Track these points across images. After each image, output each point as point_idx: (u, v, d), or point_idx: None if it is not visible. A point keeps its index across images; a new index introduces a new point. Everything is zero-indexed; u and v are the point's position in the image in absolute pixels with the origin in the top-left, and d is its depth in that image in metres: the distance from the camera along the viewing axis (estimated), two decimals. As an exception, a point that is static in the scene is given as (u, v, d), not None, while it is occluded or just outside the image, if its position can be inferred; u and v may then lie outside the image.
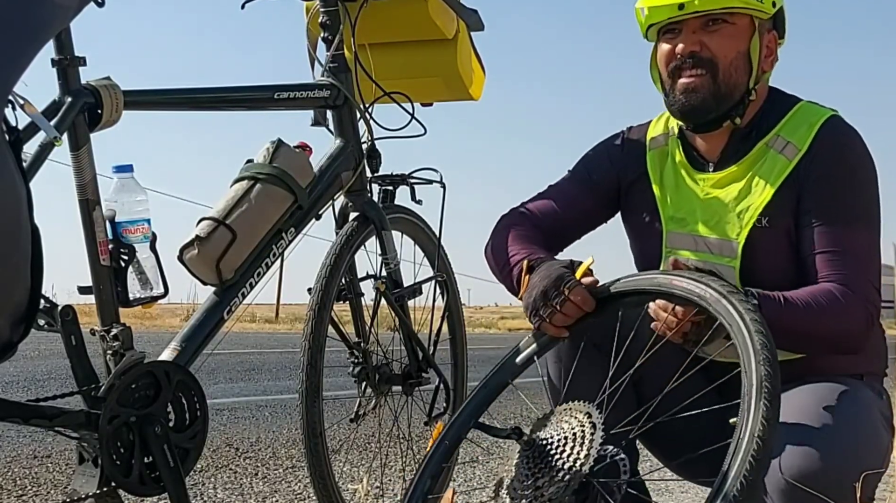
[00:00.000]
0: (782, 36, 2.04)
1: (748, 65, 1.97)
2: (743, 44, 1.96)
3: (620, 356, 1.85)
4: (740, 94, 1.97)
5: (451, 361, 2.73)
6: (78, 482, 1.88)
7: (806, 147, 1.93)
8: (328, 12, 2.39)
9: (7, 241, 1.09)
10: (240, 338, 11.87)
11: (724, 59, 1.95)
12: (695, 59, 1.96)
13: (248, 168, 2.19)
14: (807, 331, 1.85)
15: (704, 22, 1.95)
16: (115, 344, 1.90)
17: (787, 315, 1.82)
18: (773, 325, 1.71)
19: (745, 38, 1.96)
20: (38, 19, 1.17)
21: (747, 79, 1.97)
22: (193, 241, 2.07)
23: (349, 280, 2.39)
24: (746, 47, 1.96)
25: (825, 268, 1.90)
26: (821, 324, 1.85)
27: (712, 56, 1.95)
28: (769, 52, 2.00)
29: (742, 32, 1.96)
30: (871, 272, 1.91)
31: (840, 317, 1.85)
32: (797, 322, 1.83)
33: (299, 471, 3.66)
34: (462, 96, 2.69)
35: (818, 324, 1.85)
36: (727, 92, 1.96)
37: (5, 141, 1.12)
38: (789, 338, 1.82)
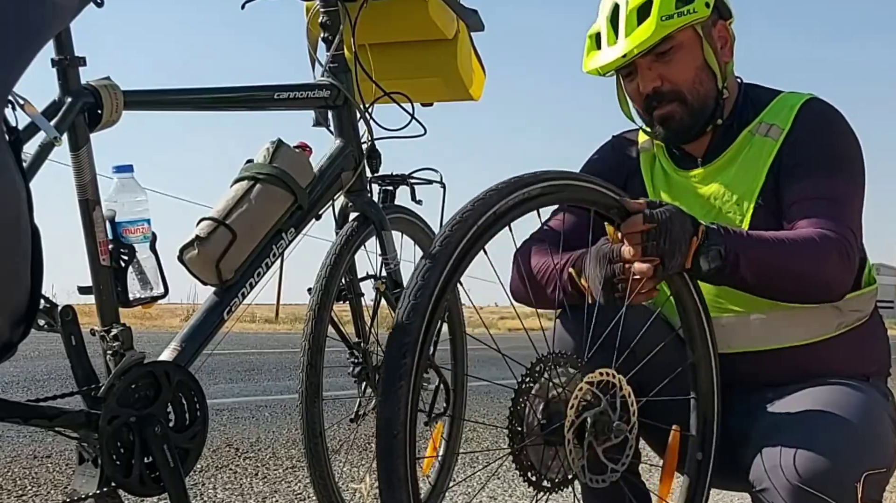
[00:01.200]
0: (729, 16, 2.03)
1: (710, 72, 1.98)
2: (697, 57, 1.97)
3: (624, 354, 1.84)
4: (713, 100, 1.99)
5: (451, 361, 2.73)
6: (78, 482, 1.88)
7: (789, 125, 1.95)
8: (328, 12, 2.39)
9: (7, 242, 1.09)
10: (240, 338, 11.88)
11: (685, 82, 1.97)
12: (660, 95, 1.98)
13: (248, 168, 2.19)
14: (777, 266, 1.81)
15: (653, 56, 1.95)
16: (115, 344, 1.90)
17: (753, 249, 1.78)
18: (741, 261, 1.73)
19: (696, 51, 1.97)
20: (38, 19, 1.17)
21: (714, 83, 1.99)
22: (193, 241, 2.07)
23: (349, 280, 2.39)
24: (702, 58, 1.97)
25: (801, 214, 1.88)
26: (792, 261, 1.81)
27: (674, 85, 1.97)
28: (724, 42, 2.01)
29: (691, 46, 1.97)
30: (847, 217, 1.88)
31: (813, 255, 1.81)
32: (767, 257, 1.80)
33: (299, 471, 3.66)
34: (462, 96, 2.69)
35: (789, 260, 1.81)
36: (701, 107, 1.99)
37: (5, 141, 1.12)
38: (760, 274, 1.79)
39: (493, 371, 9.45)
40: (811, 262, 1.82)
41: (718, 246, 1.76)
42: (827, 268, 1.83)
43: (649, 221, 1.71)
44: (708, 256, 1.76)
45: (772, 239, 1.82)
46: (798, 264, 1.81)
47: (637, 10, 1.93)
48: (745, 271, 1.77)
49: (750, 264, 1.78)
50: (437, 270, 1.50)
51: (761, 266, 1.80)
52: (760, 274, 1.80)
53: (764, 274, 1.81)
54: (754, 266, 1.79)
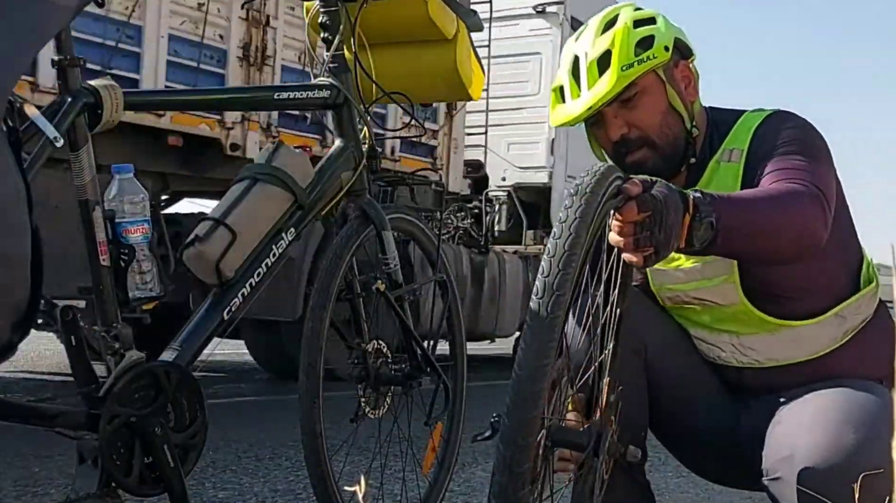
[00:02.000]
0: (690, 55, 2.00)
1: (676, 113, 1.96)
2: (662, 101, 1.95)
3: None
4: (683, 141, 1.97)
5: (450, 361, 2.73)
6: (78, 482, 1.88)
7: (747, 144, 1.93)
8: (328, 12, 2.39)
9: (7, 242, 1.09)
10: (240, 338, 11.86)
11: (652, 127, 1.94)
12: (628, 142, 1.95)
13: (247, 168, 2.19)
14: (763, 224, 1.77)
15: (618, 104, 1.93)
16: (116, 344, 1.90)
17: (740, 213, 1.73)
18: (732, 229, 1.68)
19: (661, 95, 1.95)
20: (38, 19, 1.17)
21: (682, 124, 1.96)
22: (193, 240, 2.07)
23: (349, 280, 2.39)
24: (666, 102, 1.95)
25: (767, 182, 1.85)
26: (775, 214, 1.77)
27: (641, 132, 1.94)
28: (687, 82, 1.98)
29: (655, 91, 1.94)
30: (815, 177, 1.84)
31: (790, 203, 1.79)
32: (752, 216, 1.76)
33: (299, 471, 3.66)
34: (461, 96, 2.69)
35: (772, 214, 1.77)
36: (671, 150, 1.96)
37: (5, 141, 1.12)
38: (748, 237, 1.75)
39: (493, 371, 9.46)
40: (791, 210, 1.78)
41: (709, 217, 1.68)
42: (805, 213, 1.79)
43: (643, 210, 1.58)
44: (700, 231, 1.68)
45: (752, 197, 1.79)
46: (780, 216, 1.78)
47: (597, 61, 1.90)
48: (735, 239, 1.72)
49: (739, 229, 1.73)
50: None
51: (750, 228, 1.76)
52: (749, 236, 1.76)
53: (751, 235, 1.77)
54: (743, 230, 1.74)
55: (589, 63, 1.91)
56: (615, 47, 1.89)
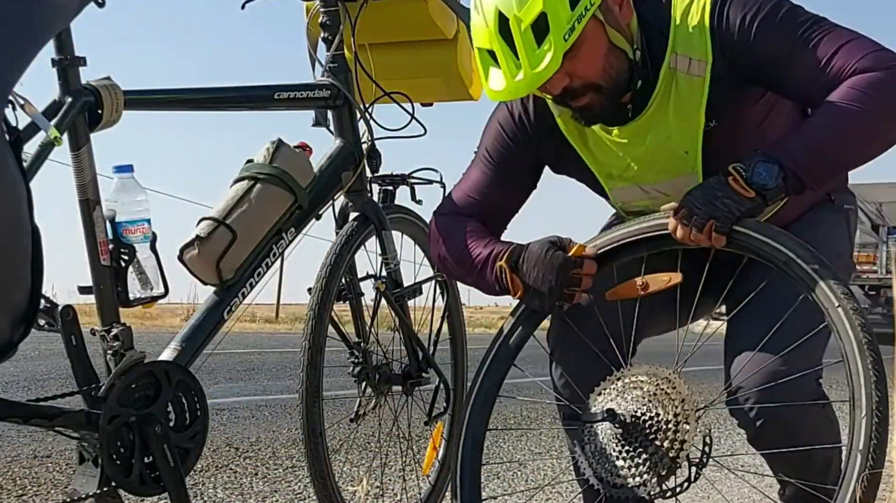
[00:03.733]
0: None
1: (619, 50, 1.84)
2: (602, 44, 1.82)
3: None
4: (627, 72, 1.86)
5: (451, 361, 2.73)
6: (78, 482, 1.88)
7: (709, 53, 1.83)
8: (328, 12, 2.39)
9: (7, 241, 1.09)
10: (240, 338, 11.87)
11: (595, 73, 1.82)
12: (571, 91, 1.84)
13: (248, 168, 2.19)
14: (843, 144, 1.76)
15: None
16: (116, 344, 1.90)
17: (805, 155, 1.74)
18: (815, 160, 1.73)
19: (601, 38, 1.81)
20: (38, 19, 1.17)
21: (625, 56, 1.85)
22: (194, 240, 2.07)
23: (349, 280, 2.39)
24: (607, 43, 1.83)
25: (825, 83, 1.76)
26: (855, 127, 1.73)
27: (584, 79, 1.83)
28: (620, 4, 1.85)
29: (595, 36, 1.80)
30: (868, 41, 1.77)
31: (888, 90, 1.72)
32: (823, 147, 1.75)
33: (299, 471, 3.66)
34: (462, 96, 2.69)
35: (850, 128, 1.73)
36: (616, 86, 1.85)
37: (5, 141, 1.12)
38: (845, 153, 1.78)
39: (493, 371, 9.33)
40: (874, 113, 1.73)
41: (758, 164, 1.73)
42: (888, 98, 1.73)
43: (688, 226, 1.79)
44: (761, 178, 1.73)
45: (819, 127, 1.75)
46: (861, 123, 1.73)
47: (531, 28, 1.74)
48: (814, 172, 1.75)
49: (814, 167, 1.75)
50: None
51: (845, 145, 1.76)
52: (829, 156, 1.77)
53: (847, 147, 1.78)
54: (814, 158, 1.75)
55: (523, 30, 1.74)
56: (549, 9, 1.73)
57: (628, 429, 1.76)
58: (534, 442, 4.63)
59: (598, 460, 1.79)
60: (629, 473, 1.74)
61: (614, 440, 1.78)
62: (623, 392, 1.81)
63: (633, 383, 1.81)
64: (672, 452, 1.73)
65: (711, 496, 3.25)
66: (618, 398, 1.81)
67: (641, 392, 1.78)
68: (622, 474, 1.75)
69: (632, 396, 1.79)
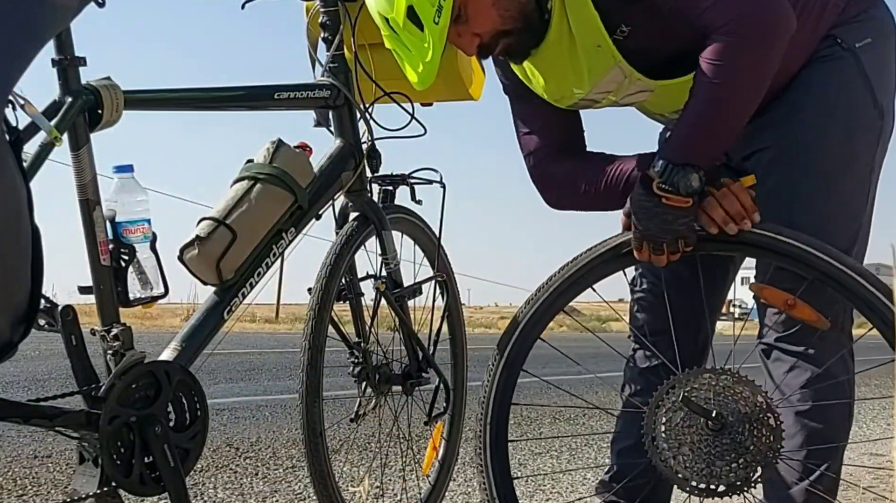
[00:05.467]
0: None
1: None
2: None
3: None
4: (533, 6, 1.91)
5: (451, 361, 2.73)
6: (78, 482, 1.88)
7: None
8: (328, 12, 2.39)
9: (7, 242, 1.09)
10: (240, 338, 11.87)
11: (493, 22, 1.90)
12: (485, 47, 1.94)
13: (248, 168, 2.19)
14: (720, 117, 1.81)
15: (454, 27, 1.88)
16: (116, 344, 1.90)
17: (690, 139, 1.83)
18: (695, 153, 1.81)
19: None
20: (39, 19, 1.17)
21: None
22: (194, 240, 2.07)
23: (349, 280, 2.39)
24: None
25: (705, 24, 1.80)
26: (726, 99, 1.79)
27: (489, 32, 1.91)
28: None
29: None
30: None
31: (732, 77, 1.78)
32: (705, 126, 1.82)
33: (299, 471, 3.66)
34: (462, 96, 2.68)
35: (723, 101, 1.80)
36: (525, 21, 1.92)
37: (5, 141, 1.12)
38: (723, 128, 1.83)
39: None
40: (737, 80, 1.78)
41: (676, 176, 1.81)
42: (750, 67, 1.79)
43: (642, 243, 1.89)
44: (686, 183, 1.81)
45: (697, 115, 1.82)
46: (732, 100, 1.80)
47: (409, 21, 1.84)
48: (711, 149, 1.83)
49: (708, 144, 1.83)
50: None
51: (716, 129, 1.83)
52: (724, 133, 1.84)
53: (725, 131, 1.84)
54: (710, 141, 1.83)
55: (403, 26, 1.85)
56: (413, 0, 1.81)
57: (727, 428, 1.79)
58: (534, 442, 4.63)
59: (679, 454, 1.81)
60: (721, 472, 1.78)
61: (702, 437, 1.80)
62: (707, 390, 1.83)
63: (718, 384, 1.83)
64: (769, 453, 1.79)
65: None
66: (707, 395, 1.82)
67: (733, 393, 1.81)
68: (714, 472, 1.78)
69: (724, 396, 1.81)
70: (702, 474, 1.79)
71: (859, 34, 1.97)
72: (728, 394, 1.80)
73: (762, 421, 1.78)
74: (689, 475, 1.80)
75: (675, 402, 1.81)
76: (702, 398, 1.80)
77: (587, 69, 1.95)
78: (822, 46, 1.97)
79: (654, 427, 1.82)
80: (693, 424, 1.80)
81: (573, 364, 2.69)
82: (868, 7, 1.99)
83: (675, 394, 1.82)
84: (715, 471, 1.78)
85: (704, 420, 1.79)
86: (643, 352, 2.18)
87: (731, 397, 1.80)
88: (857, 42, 1.96)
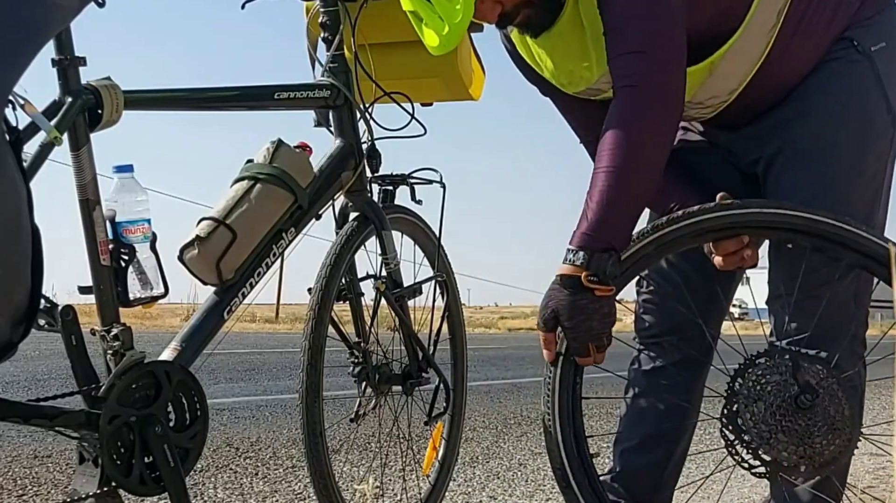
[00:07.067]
0: None
1: None
2: None
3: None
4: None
5: (450, 361, 2.73)
6: (78, 482, 1.88)
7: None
8: (328, 12, 2.39)
9: (7, 242, 1.09)
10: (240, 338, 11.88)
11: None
12: (506, 16, 1.91)
13: (248, 168, 2.19)
14: (627, 192, 1.74)
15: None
16: (116, 344, 1.90)
17: (607, 222, 1.75)
18: (617, 237, 1.74)
19: None
20: (39, 19, 1.17)
21: None
22: (193, 240, 2.07)
23: (349, 280, 2.39)
24: None
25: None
26: (629, 176, 1.74)
27: (513, 1, 1.89)
28: None
29: None
30: (641, 60, 1.76)
31: (629, 151, 1.73)
32: (619, 209, 1.75)
33: (299, 471, 3.66)
34: (462, 96, 2.69)
35: (625, 179, 1.73)
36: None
37: (5, 141, 1.12)
38: (631, 215, 1.78)
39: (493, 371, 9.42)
40: (633, 160, 1.74)
41: (604, 265, 1.73)
42: (645, 143, 1.75)
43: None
44: (612, 271, 1.74)
45: (604, 199, 1.75)
46: (633, 174, 1.74)
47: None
48: (628, 224, 1.77)
49: (627, 227, 1.78)
50: None
51: (633, 212, 1.78)
52: (637, 209, 1.80)
53: (639, 206, 1.81)
54: (630, 220, 1.78)
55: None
56: None
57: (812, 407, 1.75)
58: (534, 442, 4.63)
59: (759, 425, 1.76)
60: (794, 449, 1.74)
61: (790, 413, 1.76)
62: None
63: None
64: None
65: (711, 496, 3.24)
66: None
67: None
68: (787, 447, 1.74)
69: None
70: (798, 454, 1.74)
71: (875, 37, 1.94)
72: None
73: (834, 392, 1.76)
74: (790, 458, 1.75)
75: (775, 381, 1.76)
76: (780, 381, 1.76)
77: (596, 57, 1.93)
78: (836, 48, 1.94)
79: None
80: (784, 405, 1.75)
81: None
82: (883, 8, 1.97)
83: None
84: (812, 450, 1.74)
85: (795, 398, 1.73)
86: (647, 353, 2.18)
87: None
88: (873, 46, 1.93)
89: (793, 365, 1.76)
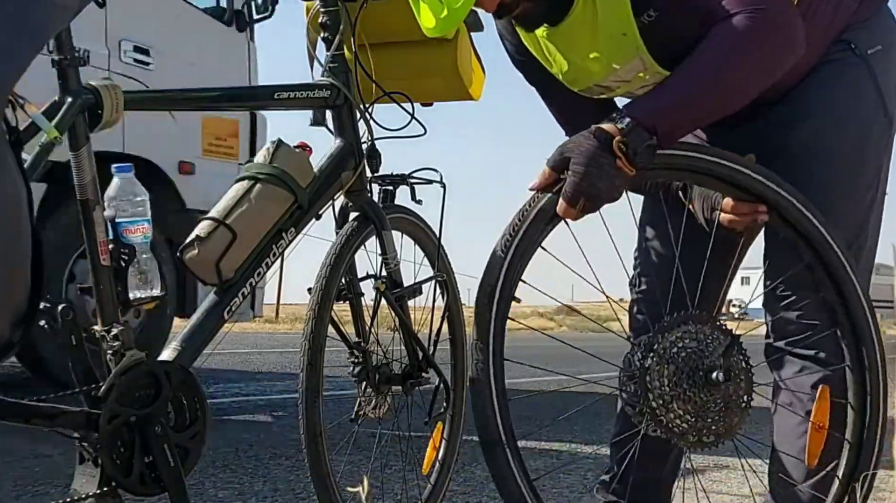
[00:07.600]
0: None
1: None
2: None
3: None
4: None
5: (450, 361, 2.73)
6: (78, 482, 1.88)
7: None
8: (328, 12, 2.39)
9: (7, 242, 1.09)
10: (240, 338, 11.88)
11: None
12: (508, 6, 1.90)
13: (248, 168, 2.19)
14: (706, 97, 1.74)
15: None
16: (116, 344, 1.90)
17: (672, 112, 1.74)
18: (674, 128, 1.73)
19: None
20: (38, 19, 1.17)
21: None
22: (194, 240, 2.07)
23: (349, 280, 2.39)
24: None
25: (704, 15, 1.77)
26: (718, 80, 1.73)
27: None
28: None
29: None
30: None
31: (732, 52, 1.73)
32: (691, 100, 1.74)
33: (299, 471, 3.66)
34: (462, 96, 2.69)
35: (714, 82, 1.74)
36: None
37: (5, 141, 1.12)
38: (691, 117, 1.78)
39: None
40: (737, 58, 1.73)
41: (644, 142, 1.72)
42: (759, 47, 1.74)
43: (573, 204, 1.75)
44: (642, 156, 1.72)
45: (685, 82, 1.75)
46: (723, 81, 1.74)
47: None
48: (684, 127, 1.77)
49: (682, 126, 1.76)
50: None
51: (695, 114, 1.78)
52: (700, 117, 1.81)
53: (701, 116, 1.80)
54: (688, 121, 1.78)
55: None
56: None
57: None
58: (534, 442, 4.63)
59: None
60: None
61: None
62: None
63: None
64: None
65: (711, 497, 3.25)
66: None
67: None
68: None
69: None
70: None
71: (871, 40, 1.94)
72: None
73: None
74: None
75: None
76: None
77: (607, 56, 1.92)
78: (834, 49, 1.94)
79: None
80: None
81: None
82: (879, 9, 1.97)
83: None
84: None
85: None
86: None
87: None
88: (870, 49, 1.94)
89: (730, 345, 1.79)
